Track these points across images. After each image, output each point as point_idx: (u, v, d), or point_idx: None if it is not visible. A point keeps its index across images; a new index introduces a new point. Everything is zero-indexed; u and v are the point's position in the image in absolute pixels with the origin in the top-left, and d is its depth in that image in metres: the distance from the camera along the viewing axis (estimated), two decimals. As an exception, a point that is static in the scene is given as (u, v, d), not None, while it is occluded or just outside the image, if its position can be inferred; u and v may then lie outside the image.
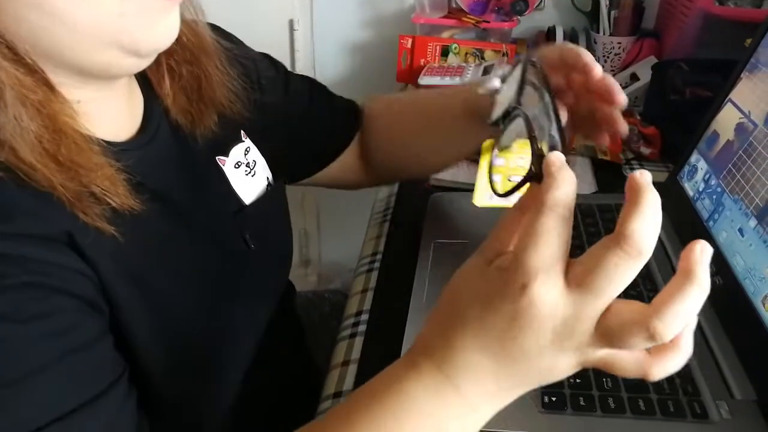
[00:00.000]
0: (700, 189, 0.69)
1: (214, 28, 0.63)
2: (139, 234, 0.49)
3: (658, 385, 0.53)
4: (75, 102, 0.46)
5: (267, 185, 0.66)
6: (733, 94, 0.70)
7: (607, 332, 0.34)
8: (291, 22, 1.45)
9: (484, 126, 0.60)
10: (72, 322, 0.42)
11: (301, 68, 1.49)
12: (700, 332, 0.59)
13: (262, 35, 1.50)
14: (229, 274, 0.59)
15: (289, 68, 0.76)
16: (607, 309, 0.35)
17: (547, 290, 0.34)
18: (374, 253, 0.78)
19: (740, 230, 0.60)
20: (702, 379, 0.54)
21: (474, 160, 0.98)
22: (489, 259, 0.39)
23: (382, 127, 0.78)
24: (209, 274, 0.57)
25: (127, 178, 0.48)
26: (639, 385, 0.53)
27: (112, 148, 0.48)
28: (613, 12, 1.24)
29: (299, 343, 0.82)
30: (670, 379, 0.54)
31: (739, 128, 0.66)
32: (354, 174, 0.80)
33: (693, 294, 0.34)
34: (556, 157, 0.37)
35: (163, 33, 0.47)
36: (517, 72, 0.50)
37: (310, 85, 0.76)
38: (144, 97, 0.56)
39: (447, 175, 0.88)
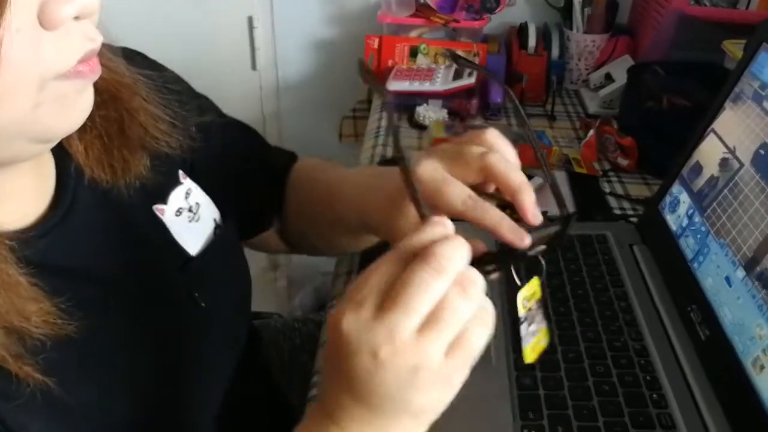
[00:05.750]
0: (684, 225, 0.66)
1: (130, 57, 0.53)
2: (63, 348, 0.42)
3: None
4: None
5: (215, 228, 0.60)
6: (716, 125, 0.66)
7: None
8: (250, 19, 1.39)
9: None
10: None
11: (263, 66, 1.42)
12: (686, 386, 0.56)
13: (220, 34, 1.44)
14: (177, 345, 0.54)
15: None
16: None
17: (355, 319, 0.36)
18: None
19: (727, 279, 0.57)
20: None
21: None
22: None
23: (294, 199, 0.72)
24: (152, 353, 0.51)
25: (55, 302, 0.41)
26: None
27: (23, 247, 0.41)
28: (586, 9, 1.20)
29: (270, 386, 0.79)
30: None
31: (724, 164, 0.63)
32: (274, 240, 0.75)
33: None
34: (439, 220, 0.39)
35: (78, 115, 0.41)
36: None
37: (250, 134, 0.71)
38: (54, 155, 0.49)
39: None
